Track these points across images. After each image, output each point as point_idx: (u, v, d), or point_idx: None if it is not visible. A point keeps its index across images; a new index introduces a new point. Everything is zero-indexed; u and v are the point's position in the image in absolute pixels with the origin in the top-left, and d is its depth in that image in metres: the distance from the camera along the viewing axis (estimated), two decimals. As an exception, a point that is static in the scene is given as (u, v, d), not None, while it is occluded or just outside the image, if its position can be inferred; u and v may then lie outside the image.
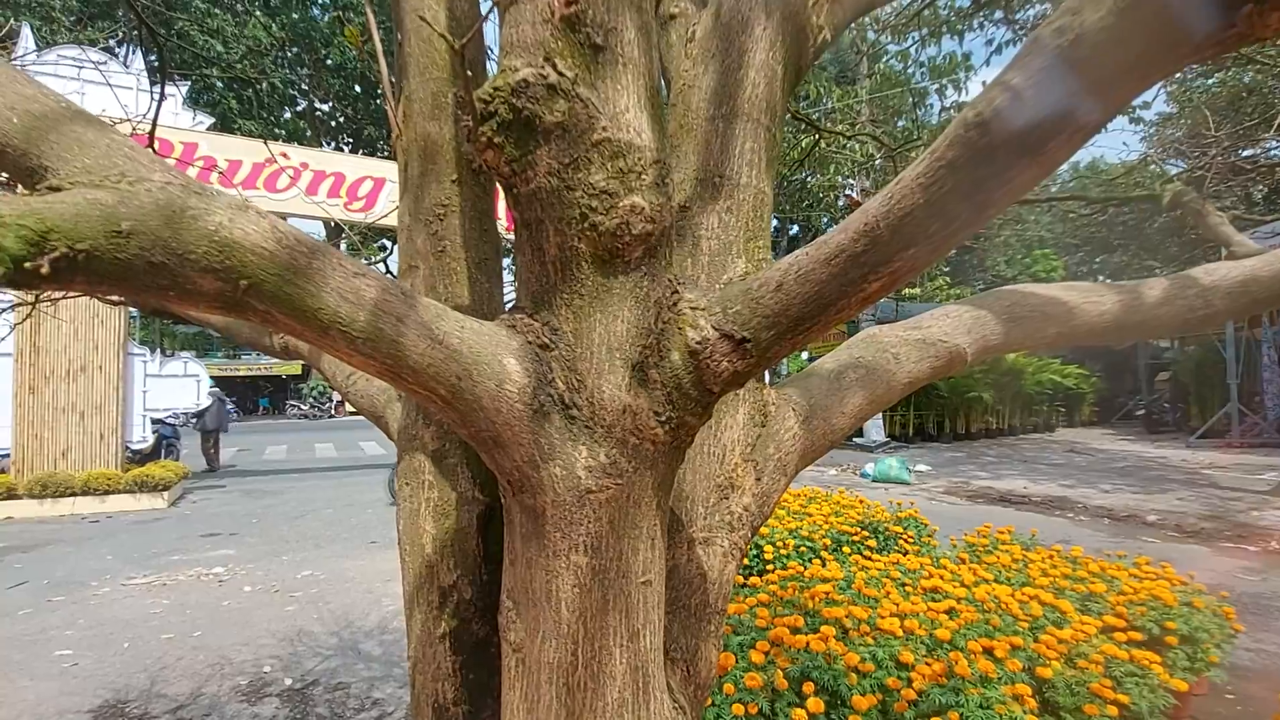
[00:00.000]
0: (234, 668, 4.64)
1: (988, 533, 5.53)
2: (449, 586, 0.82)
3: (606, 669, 0.64)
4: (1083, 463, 13.36)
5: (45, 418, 9.58)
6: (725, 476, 0.80)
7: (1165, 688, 3.43)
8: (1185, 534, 8.48)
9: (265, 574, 6.68)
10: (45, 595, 6.14)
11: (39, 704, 4.18)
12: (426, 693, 0.83)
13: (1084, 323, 0.95)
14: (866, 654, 3.37)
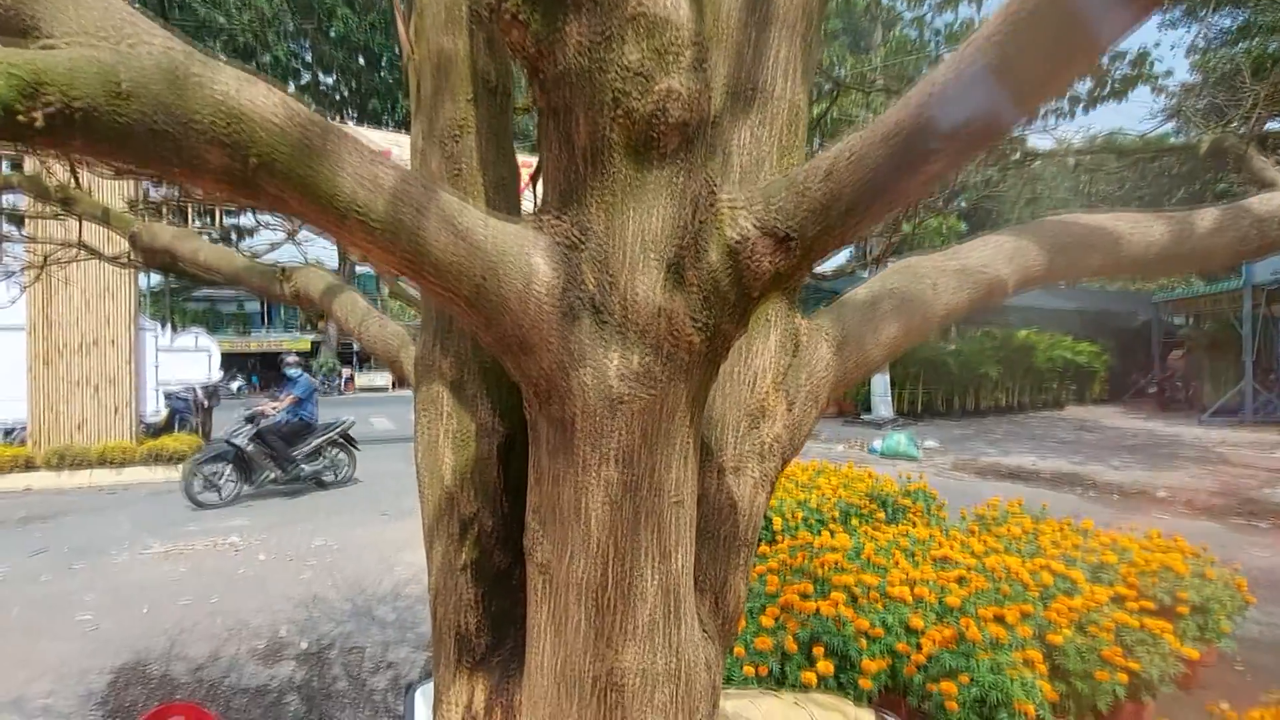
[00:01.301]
0: (251, 631, 4.72)
1: (997, 505, 5.50)
2: (470, 517, 0.80)
3: (638, 589, 0.62)
4: (1093, 439, 13.28)
5: (60, 391, 9.67)
6: (756, 403, 0.77)
7: (1176, 655, 3.42)
8: (1196, 510, 8.43)
9: (279, 542, 6.76)
10: (66, 562, 6.25)
11: (61, 664, 4.26)
12: (448, 622, 0.81)
13: (1130, 253, 0.90)
14: (876, 619, 3.37)
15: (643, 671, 0.66)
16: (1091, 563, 4.23)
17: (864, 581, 3.63)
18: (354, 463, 9.54)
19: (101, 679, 4.13)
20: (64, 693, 3.99)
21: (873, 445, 11.83)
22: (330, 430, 9.16)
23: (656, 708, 0.68)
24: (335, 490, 9.26)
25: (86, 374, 9.69)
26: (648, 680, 0.66)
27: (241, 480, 8.36)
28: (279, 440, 8.60)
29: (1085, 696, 3.16)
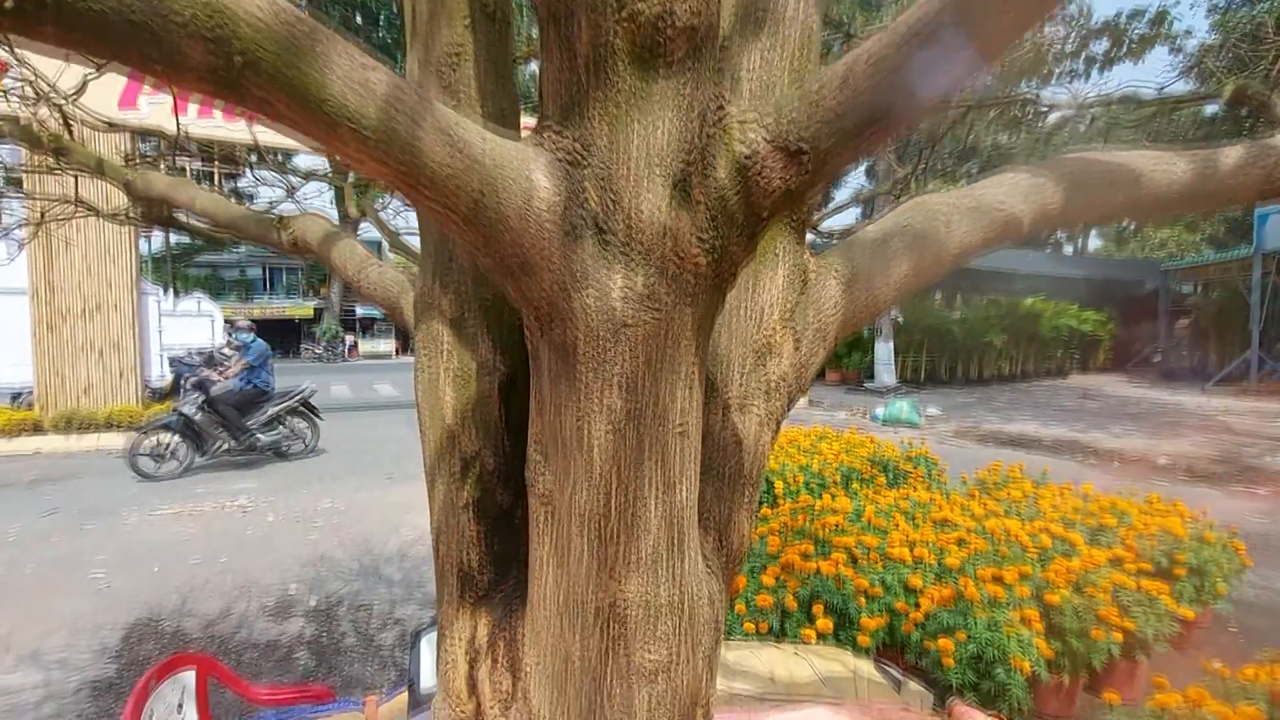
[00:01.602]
0: (261, 589, 4.80)
1: (998, 469, 5.52)
2: (471, 456, 0.80)
3: (641, 520, 0.61)
4: (1095, 408, 13.29)
5: (65, 355, 9.70)
6: (763, 340, 0.76)
7: (1172, 616, 3.45)
8: (1196, 477, 8.47)
9: (287, 504, 6.85)
10: (76, 522, 6.34)
11: (76, 620, 4.35)
12: (451, 559, 0.81)
13: (1152, 191, 0.87)
14: (875, 579, 3.41)
15: (646, 602, 0.65)
16: (1091, 526, 4.26)
17: (864, 542, 3.66)
18: (317, 432, 9.15)
19: (115, 634, 4.22)
20: (79, 646, 4.08)
21: (875, 412, 11.86)
22: (288, 398, 8.74)
23: (659, 638, 0.68)
24: (343, 455, 9.34)
25: (91, 339, 9.70)
26: (651, 611, 0.66)
27: (193, 451, 8.02)
28: (231, 409, 8.20)
29: (1080, 654, 3.20)
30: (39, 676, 3.77)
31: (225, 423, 8.19)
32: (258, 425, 8.43)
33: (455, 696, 0.81)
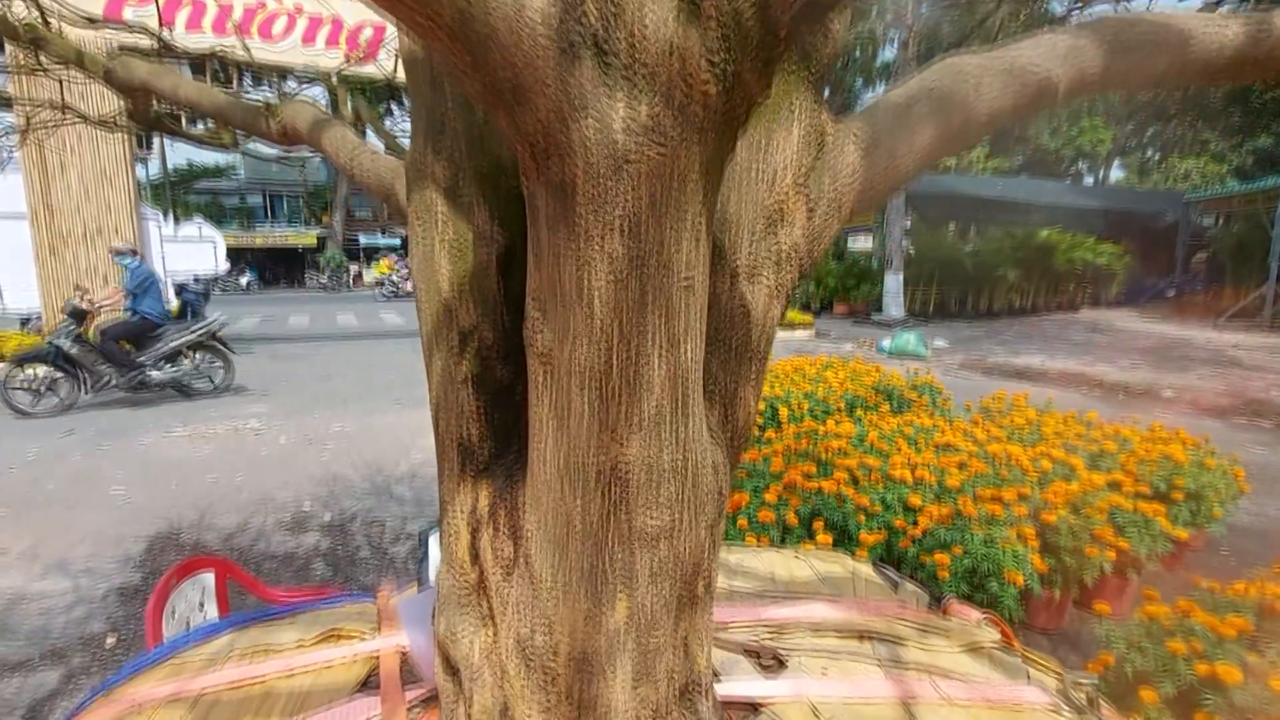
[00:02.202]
0: (276, 505, 4.94)
1: (1003, 397, 5.53)
2: (469, 329, 0.77)
3: (644, 377, 0.59)
4: (1104, 341, 13.19)
5: (70, 280, 9.69)
6: (775, 204, 0.72)
7: (1166, 536, 3.51)
8: (1200, 409, 8.47)
9: (298, 427, 6.97)
10: (94, 442, 6.48)
11: (100, 531, 4.51)
12: (450, 433, 0.80)
13: (1201, 55, 0.80)
14: (875, 497, 3.46)
15: (648, 465, 0.64)
16: (1092, 451, 4.28)
17: (866, 464, 3.70)
18: (231, 369, 8.26)
19: (138, 544, 4.37)
20: (104, 556, 4.23)
21: (881, 344, 11.82)
22: (190, 331, 7.83)
23: (661, 503, 0.67)
24: (352, 380, 9.42)
25: (94, 263, 9.66)
26: (653, 474, 0.65)
27: (76, 387, 7.29)
28: (111, 342, 7.40)
29: (1073, 570, 3.27)
30: (68, 583, 3.93)
31: (107, 356, 7.37)
32: (152, 360, 7.60)
33: (458, 566, 0.82)
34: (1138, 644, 2.36)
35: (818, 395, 5.77)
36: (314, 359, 11.22)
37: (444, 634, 0.84)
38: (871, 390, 6.06)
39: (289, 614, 1.47)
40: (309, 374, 9.95)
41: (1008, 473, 3.73)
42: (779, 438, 4.37)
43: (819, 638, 1.38)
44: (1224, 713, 2.09)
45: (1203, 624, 2.38)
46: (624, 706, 0.74)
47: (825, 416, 5.47)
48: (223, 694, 1.23)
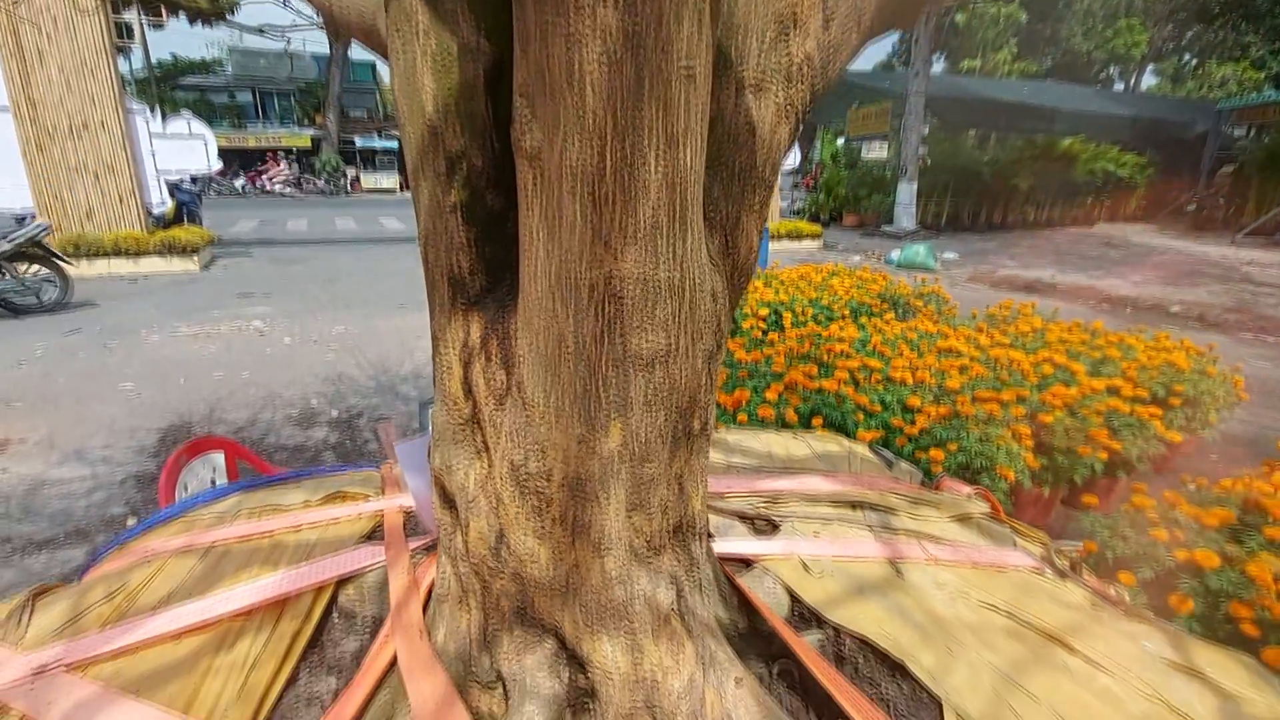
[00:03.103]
0: (284, 401, 5.03)
1: (1010, 305, 5.47)
2: (457, 154, 0.73)
3: (639, 179, 0.55)
4: (1117, 256, 12.94)
5: (61, 177, 9.47)
6: (787, 8, 0.65)
7: (1159, 439, 3.55)
8: (1206, 324, 8.42)
9: (302, 328, 6.99)
10: (100, 340, 6.53)
11: (112, 423, 4.61)
12: (440, 265, 0.78)
13: None
14: (875, 398, 3.48)
15: (643, 280, 0.62)
16: (1095, 358, 4.27)
17: (867, 365, 3.71)
18: (67, 283, 7.22)
19: (151, 436, 4.48)
20: (119, 446, 4.35)
21: (890, 256, 11.62)
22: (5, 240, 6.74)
23: (657, 323, 0.65)
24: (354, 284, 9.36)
25: (83, 159, 9.39)
26: (648, 291, 0.63)
27: None
28: None
29: (1064, 469, 3.33)
30: (86, 470, 4.05)
31: None
32: None
33: (452, 400, 0.82)
34: (1120, 533, 2.43)
35: (822, 302, 5.72)
36: (314, 263, 11.12)
37: (439, 467, 0.84)
38: (877, 298, 6.01)
39: (295, 479, 1.51)
40: (310, 277, 9.88)
41: (1008, 376, 3.73)
42: (781, 340, 4.37)
43: (812, 506, 1.41)
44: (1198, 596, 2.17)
45: (1187, 514, 2.44)
46: (617, 533, 0.75)
47: (829, 322, 5.44)
48: (232, 546, 1.27)
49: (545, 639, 0.83)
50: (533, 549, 0.77)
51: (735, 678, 0.82)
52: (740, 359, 3.97)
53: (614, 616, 0.77)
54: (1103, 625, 1.06)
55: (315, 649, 1.00)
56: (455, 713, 0.77)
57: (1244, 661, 1.06)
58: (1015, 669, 0.95)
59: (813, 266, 7.14)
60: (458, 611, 0.87)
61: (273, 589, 1.06)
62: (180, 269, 9.96)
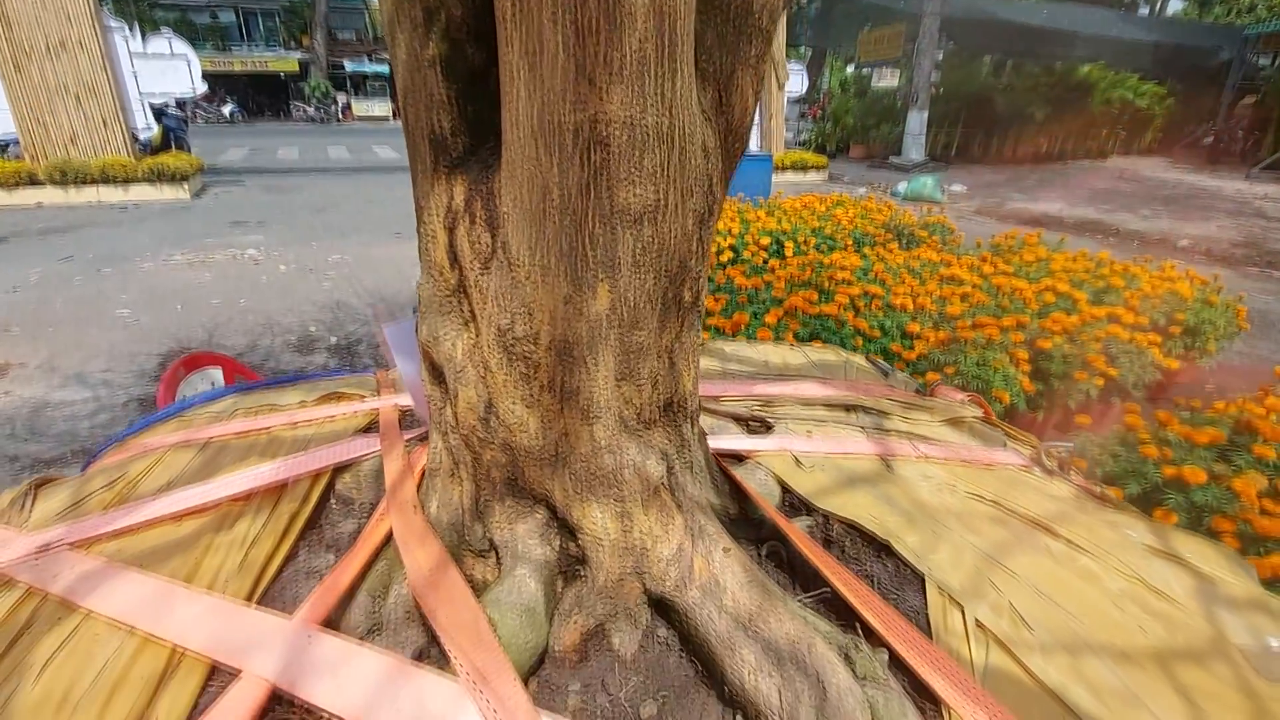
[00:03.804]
0: (282, 328, 5.01)
1: (1015, 235, 5.39)
2: (434, 4, 0.68)
3: (624, 3, 0.52)
4: (1128, 190, 12.66)
5: (41, 100, 9.15)
6: None
7: (1156, 366, 3.55)
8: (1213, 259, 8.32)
9: (297, 257, 6.91)
10: (93, 267, 6.47)
11: (112, 347, 4.62)
12: (420, 126, 0.74)
13: None
14: (874, 323, 3.47)
15: (630, 124, 0.59)
16: (1098, 287, 4.24)
17: (869, 292, 3.68)
18: None
19: (150, 360, 4.49)
20: (119, 370, 4.36)
21: (896, 188, 11.36)
22: None
23: (645, 174, 0.63)
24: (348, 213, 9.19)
25: (63, 80, 9.05)
26: (636, 137, 0.60)
27: None
28: None
29: (1059, 393, 3.35)
30: (88, 393, 4.08)
31: None
32: None
33: (437, 270, 0.80)
34: (1111, 450, 2.46)
35: (825, 231, 5.63)
36: (307, 191, 10.89)
37: (427, 338, 0.84)
38: (881, 229, 5.92)
39: (291, 382, 1.51)
40: (303, 206, 9.70)
41: (1009, 303, 3.71)
42: (782, 266, 4.33)
43: (807, 409, 1.41)
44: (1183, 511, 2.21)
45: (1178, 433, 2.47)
46: (606, 401, 0.75)
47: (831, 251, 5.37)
48: (229, 441, 1.28)
49: (536, 508, 0.84)
50: (522, 417, 0.77)
51: (723, 548, 0.84)
52: (740, 284, 3.94)
53: (603, 484, 0.78)
54: (1087, 514, 1.08)
55: (314, 530, 1.02)
56: (449, 577, 0.79)
57: (1223, 550, 1.09)
58: (998, 550, 0.97)
59: (817, 196, 7.00)
60: (449, 484, 0.88)
61: (270, 475, 1.08)
62: (171, 197, 9.76)
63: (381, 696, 0.66)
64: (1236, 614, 0.91)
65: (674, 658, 0.82)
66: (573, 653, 0.80)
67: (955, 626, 0.84)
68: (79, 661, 0.77)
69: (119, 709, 0.71)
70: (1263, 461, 2.34)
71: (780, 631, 0.73)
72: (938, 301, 3.69)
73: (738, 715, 0.74)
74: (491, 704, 0.64)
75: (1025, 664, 0.78)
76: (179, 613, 0.81)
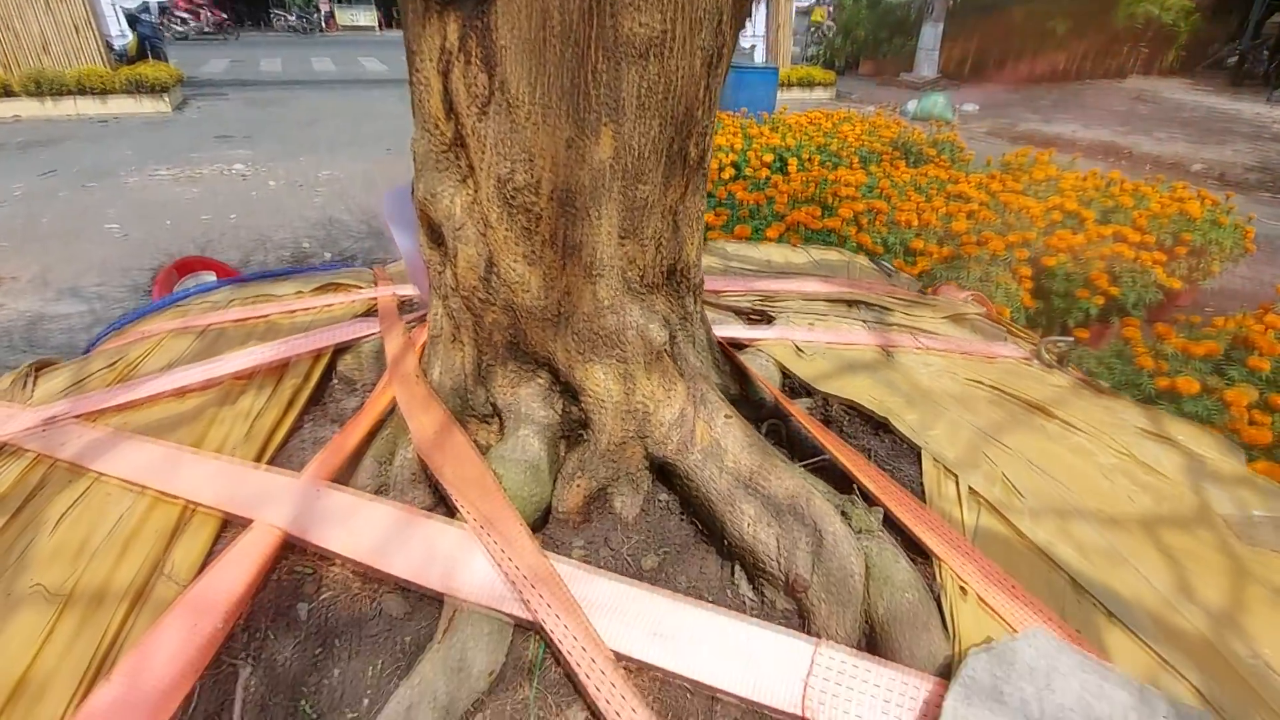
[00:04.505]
0: (275, 243, 4.92)
1: (1027, 153, 5.25)
2: None
3: None
4: (1145, 111, 12.22)
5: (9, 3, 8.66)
6: None
7: (1158, 286, 3.53)
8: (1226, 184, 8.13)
9: (287, 172, 6.71)
10: (78, 182, 6.28)
11: (104, 263, 4.54)
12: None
13: None
14: (878, 239, 3.42)
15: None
16: (1107, 205, 4.16)
17: (873, 208, 3.61)
18: None
19: (143, 275, 4.42)
20: (112, 284, 4.30)
21: (905, 107, 10.95)
22: None
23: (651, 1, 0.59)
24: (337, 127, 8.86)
25: (26, -10, 8.55)
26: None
27: None
28: None
29: (1059, 311, 3.35)
30: (83, 307, 4.04)
31: None
32: None
33: (432, 123, 0.77)
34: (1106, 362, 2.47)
35: (831, 149, 5.47)
36: (293, 105, 10.46)
37: (423, 196, 0.81)
38: (888, 146, 5.74)
39: (286, 275, 1.49)
40: (290, 120, 9.34)
41: (1015, 221, 3.65)
42: (785, 181, 4.23)
43: (808, 304, 1.40)
44: (1175, 421, 2.23)
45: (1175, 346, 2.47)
46: (609, 258, 0.74)
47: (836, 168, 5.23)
48: (228, 328, 1.28)
49: (539, 372, 0.84)
50: (523, 275, 0.75)
51: (725, 415, 0.85)
52: (742, 199, 3.85)
53: (606, 345, 0.78)
54: (1083, 400, 1.09)
55: (317, 406, 1.02)
56: (454, 438, 0.80)
57: (1215, 435, 1.11)
58: (994, 428, 0.99)
59: (823, 113, 6.76)
60: (451, 349, 0.88)
61: (272, 354, 1.08)
62: (151, 110, 9.39)
63: (392, 541, 0.68)
64: (1223, 488, 0.93)
65: (674, 520, 0.84)
66: (575, 514, 0.82)
67: (949, 493, 0.86)
68: (93, 516, 0.79)
69: (135, 556, 0.73)
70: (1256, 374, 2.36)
71: (780, 487, 0.75)
72: (943, 218, 3.63)
73: (736, 566, 0.76)
74: (499, 544, 0.66)
75: (1015, 525, 0.81)
76: (188, 473, 0.82)
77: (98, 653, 0.64)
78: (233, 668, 0.67)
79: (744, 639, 0.64)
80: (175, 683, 0.60)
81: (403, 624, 0.71)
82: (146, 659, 0.61)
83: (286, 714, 0.64)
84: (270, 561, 0.71)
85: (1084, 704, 0.55)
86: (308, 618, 0.70)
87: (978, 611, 0.69)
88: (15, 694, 0.61)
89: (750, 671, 0.63)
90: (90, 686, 0.61)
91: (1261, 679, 0.68)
